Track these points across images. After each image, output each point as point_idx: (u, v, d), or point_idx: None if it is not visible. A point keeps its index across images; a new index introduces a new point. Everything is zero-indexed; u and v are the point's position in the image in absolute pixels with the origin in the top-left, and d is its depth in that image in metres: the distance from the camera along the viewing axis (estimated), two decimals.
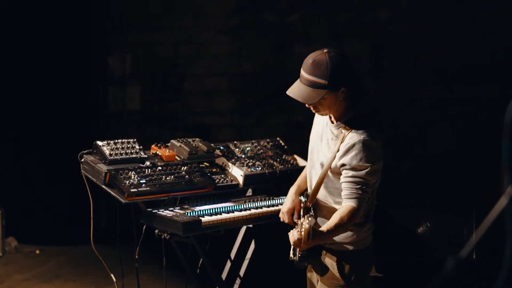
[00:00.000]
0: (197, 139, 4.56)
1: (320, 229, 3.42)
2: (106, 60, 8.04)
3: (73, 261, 7.21)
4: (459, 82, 7.42)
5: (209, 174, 4.34)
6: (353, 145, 3.40)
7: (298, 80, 3.54)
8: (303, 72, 3.50)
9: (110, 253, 4.64)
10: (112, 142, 4.22)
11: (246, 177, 4.41)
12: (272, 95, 7.84)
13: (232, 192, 4.46)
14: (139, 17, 7.95)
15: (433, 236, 4.72)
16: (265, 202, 4.30)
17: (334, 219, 3.42)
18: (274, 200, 4.34)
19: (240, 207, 4.18)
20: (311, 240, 3.29)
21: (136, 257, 4.28)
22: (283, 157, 4.73)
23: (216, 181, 4.31)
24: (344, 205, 3.44)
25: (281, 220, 3.82)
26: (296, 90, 3.51)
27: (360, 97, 3.55)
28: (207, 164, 4.45)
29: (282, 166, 4.62)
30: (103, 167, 4.07)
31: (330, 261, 3.60)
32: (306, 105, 3.55)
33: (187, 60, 7.97)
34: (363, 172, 3.40)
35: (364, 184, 3.41)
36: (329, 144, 3.55)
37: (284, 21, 7.79)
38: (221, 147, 4.62)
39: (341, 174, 3.48)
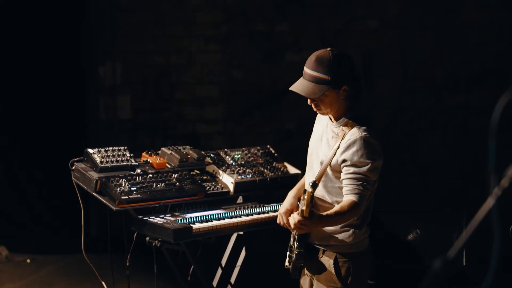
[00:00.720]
0: (188, 146, 4.58)
1: (320, 213, 3.47)
2: (96, 69, 8.06)
3: (64, 270, 7.20)
4: (448, 90, 7.48)
5: (199, 181, 4.36)
6: (354, 141, 3.45)
7: (301, 77, 3.60)
8: (306, 69, 3.57)
9: (102, 261, 4.63)
10: (103, 149, 4.24)
11: (237, 185, 4.42)
12: (262, 103, 7.88)
13: (222, 200, 4.47)
14: (130, 26, 7.97)
15: (423, 242, 4.74)
16: (255, 209, 4.31)
17: (334, 208, 3.49)
18: (264, 207, 4.36)
19: (230, 214, 4.20)
20: (310, 220, 3.35)
21: (127, 264, 4.28)
22: (274, 165, 4.75)
23: (207, 189, 4.33)
24: (344, 199, 3.48)
25: (278, 222, 3.82)
26: (299, 86, 3.58)
27: (360, 99, 3.60)
28: (198, 172, 4.47)
29: (273, 174, 4.65)
30: (94, 175, 4.08)
31: (327, 262, 3.62)
32: (308, 102, 3.61)
33: (177, 69, 8.00)
34: (364, 168, 3.44)
35: (365, 181, 3.45)
36: (329, 143, 3.59)
37: (274, 30, 7.83)
38: (212, 155, 4.64)
39: (341, 173, 3.52)
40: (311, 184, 3.30)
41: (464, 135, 7.39)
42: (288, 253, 3.81)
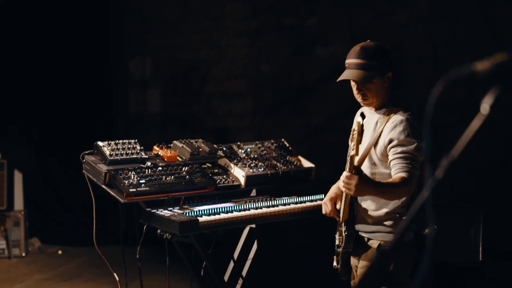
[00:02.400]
0: (200, 140, 4.59)
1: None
2: (126, 64, 8.14)
3: (94, 261, 7.28)
4: (478, 84, 7.33)
5: (210, 174, 4.37)
6: (400, 122, 3.50)
7: (346, 69, 3.65)
8: (352, 60, 3.62)
9: (130, 254, 4.67)
10: (113, 142, 4.27)
11: (248, 178, 4.42)
12: (291, 98, 7.85)
13: (235, 193, 4.48)
14: (159, 21, 8.03)
15: (439, 237, 4.68)
16: (265, 202, 4.30)
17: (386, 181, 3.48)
18: (275, 201, 4.35)
19: (239, 207, 4.19)
20: (359, 176, 3.32)
21: (137, 256, 4.32)
22: (287, 158, 4.73)
23: (218, 182, 4.33)
24: (394, 176, 3.46)
25: (323, 211, 3.84)
26: (348, 74, 3.62)
27: (398, 88, 3.65)
28: (209, 165, 4.47)
29: (285, 167, 4.63)
30: (103, 167, 4.12)
31: (371, 250, 3.62)
32: (356, 93, 3.64)
33: (206, 63, 8.02)
34: (412, 147, 3.45)
35: (413, 160, 3.45)
36: (375, 128, 3.61)
37: (303, 24, 7.80)
38: (224, 148, 4.64)
39: (387, 156, 3.52)
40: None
41: (492, 131, 7.26)
42: (336, 253, 3.82)
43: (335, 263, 3.84)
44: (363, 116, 3.45)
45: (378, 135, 3.55)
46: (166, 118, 8.15)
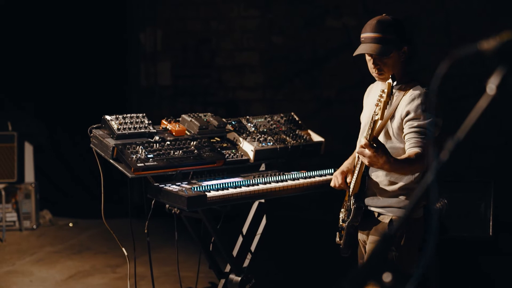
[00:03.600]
0: (209, 114, 4.54)
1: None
2: (138, 36, 8.08)
3: (105, 234, 7.27)
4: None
5: (219, 149, 4.33)
6: (419, 95, 3.45)
7: (362, 44, 3.58)
8: (368, 34, 3.55)
9: (141, 227, 4.66)
10: (121, 116, 4.23)
11: (257, 152, 4.38)
12: (303, 70, 7.78)
13: (244, 168, 4.44)
14: None
15: (450, 211, 4.64)
16: (274, 177, 4.26)
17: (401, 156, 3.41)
18: (284, 176, 4.30)
19: (247, 182, 4.15)
20: (377, 146, 3.23)
21: (146, 231, 4.30)
22: (296, 132, 4.68)
23: (226, 156, 4.29)
24: (409, 151, 3.40)
25: (332, 184, 3.79)
26: (365, 48, 3.55)
27: (413, 62, 3.62)
28: (218, 139, 4.43)
29: (295, 141, 4.58)
30: (111, 142, 4.08)
31: (382, 224, 3.56)
32: (371, 67, 3.58)
33: (217, 35, 7.95)
34: (426, 122, 3.41)
35: (428, 135, 3.39)
36: (391, 102, 3.53)
37: None
38: (233, 122, 4.59)
39: (402, 130, 3.46)
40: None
41: (509, 103, 7.16)
42: (339, 228, 3.78)
43: (337, 239, 3.79)
44: (393, 78, 3.32)
45: (394, 108, 3.49)
46: (176, 91, 8.11)
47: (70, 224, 7.69)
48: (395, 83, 3.40)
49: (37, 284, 5.82)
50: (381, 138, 3.52)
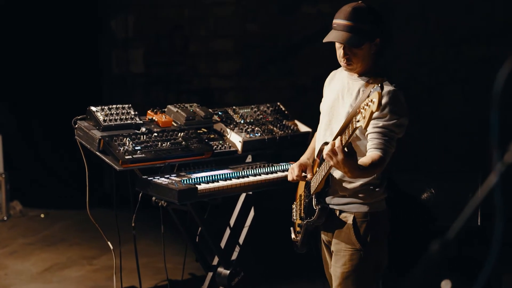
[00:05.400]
0: (195, 104, 4.45)
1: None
2: (109, 22, 7.93)
3: (78, 225, 7.19)
4: (469, 43, 7.24)
5: (206, 140, 4.24)
6: (387, 92, 3.29)
7: (332, 30, 3.40)
8: (340, 21, 3.36)
9: (112, 217, 4.57)
10: (106, 107, 4.12)
11: (245, 143, 4.30)
12: (278, 58, 7.71)
13: (230, 159, 4.36)
14: None
15: (438, 202, 4.62)
16: (263, 169, 4.20)
17: (364, 159, 3.28)
18: (273, 167, 4.24)
19: (237, 174, 4.08)
20: (348, 151, 3.11)
21: (133, 224, 4.20)
22: (284, 123, 4.61)
23: (214, 148, 4.21)
24: (371, 153, 3.30)
25: (289, 178, 3.66)
26: (336, 36, 3.37)
27: (384, 54, 3.46)
28: (205, 130, 4.35)
29: (282, 132, 4.51)
30: (97, 133, 3.97)
31: (345, 223, 3.47)
32: (341, 56, 3.40)
33: (191, 21, 7.83)
34: (392, 122, 3.29)
35: (391, 137, 3.30)
36: (357, 97, 3.41)
37: None
38: (220, 113, 4.51)
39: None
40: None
41: (485, 90, 7.18)
42: (293, 225, 3.71)
43: (293, 235, 3.71)
44: (382, 87, 3.18)
45: (360, 104, 3.23)
46: (149, 79, 7.98)
47: (42, 215, 7.54)
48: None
49: (12, 277, 5.70)
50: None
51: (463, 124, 7.19)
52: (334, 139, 3.22)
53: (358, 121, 2.99)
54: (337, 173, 3.46)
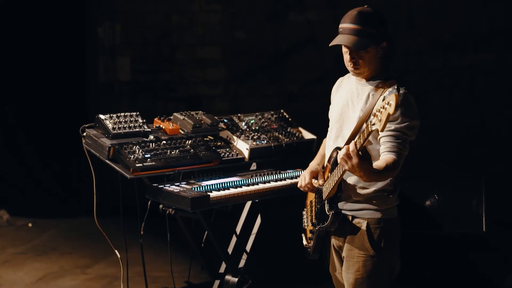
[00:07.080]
0: (200, 112, 4.45)
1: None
2: (96, 30, 7.88)
3: (66, 234, 7.13)
4: (455, 50, 7.33)
5: (214, 148, 4.24)
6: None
7: (339, 34, 3.44)
8: (346, 24, 3.41)
9: (108, 226, 4.53)
10: (114, 115, 4.12)
11: (252, 151, 4.31)
12: (266, 65, 7.73)
13: (236, 167, 4.36)
14: None
15: (441, 208, 4.66)
16: (272, 176, 4.21)
17: (378, 163, 3.29)
18: (281, 174, 4.25)
19: (247, 181, 4.09)
20: (363, 154, 3.11)
21: (142, 233, 4.19)
22: (288, 130, 4.63)
23: (222, 155, 4.21)
24: (385, 157, 3.31)
25: (299, 184, 3.68)
26: (342, 39, 3.41)
27: (391, 59, 3.48)
28: (212, 138, 4.35)
29: (288, 139, 4.53)
30: (107, 142, 3.96)
31: (359, 229, 3.48)
32: (348, 60, 3.45)
33: (178, 29, 7.82)
34: (404, 125, 3.31)
35: (404, 140, 3.32)
36: (367, 101, 3.43)
37: None
38: (225, 120, 4.52)
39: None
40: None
41: (471, 97, 7.28)
42: (304, 232, 3.72)
43: (305, 242, 3.73)
44: (398, 90, 3.26)
45: (371, 108, 3.36)
46: (137, 86, 7.94)
47: (30, 224, 7.45)
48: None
49: (7, 287, 5.62)
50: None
51: (449, 130, 7.28)
52: (346, 144, 3.25)
53: (373, 124, 2.99)
54: (350, 179, 3.48)
